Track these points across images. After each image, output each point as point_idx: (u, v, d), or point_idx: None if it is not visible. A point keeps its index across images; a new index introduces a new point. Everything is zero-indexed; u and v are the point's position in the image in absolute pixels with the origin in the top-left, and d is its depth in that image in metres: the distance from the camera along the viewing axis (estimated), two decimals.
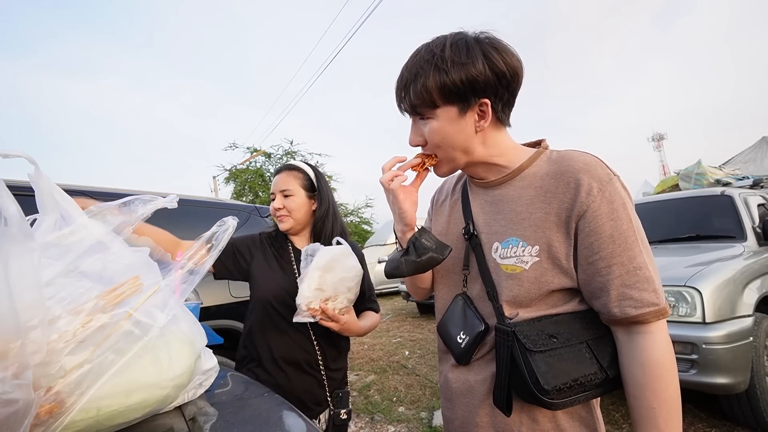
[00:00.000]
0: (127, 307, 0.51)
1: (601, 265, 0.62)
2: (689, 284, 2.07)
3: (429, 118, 0.68)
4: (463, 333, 0.73)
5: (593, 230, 0.62)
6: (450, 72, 0.64)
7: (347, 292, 1.10)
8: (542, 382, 0.59)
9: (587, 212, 0.62)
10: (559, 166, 0.67)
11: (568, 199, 0.64)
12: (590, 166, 0.65)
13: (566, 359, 0.61)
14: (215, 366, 0.68)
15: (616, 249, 0.61)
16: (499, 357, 0.65)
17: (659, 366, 0.61)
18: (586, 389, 0.62)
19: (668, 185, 5.07)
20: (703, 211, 3.19)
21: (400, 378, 3.49)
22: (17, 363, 0.38)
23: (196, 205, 2.44)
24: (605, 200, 0.62)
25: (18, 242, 0.41)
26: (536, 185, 0.68)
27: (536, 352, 0.61)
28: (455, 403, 0.77)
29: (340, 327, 1.08)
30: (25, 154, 0.51)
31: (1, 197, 0.43)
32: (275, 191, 1.24)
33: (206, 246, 0.69)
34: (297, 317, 1.06)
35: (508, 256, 0.68)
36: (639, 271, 0.61)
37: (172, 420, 0.56)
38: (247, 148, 14.17)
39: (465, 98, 0.66)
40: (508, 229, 0.70)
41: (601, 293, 0.63)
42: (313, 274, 1.04)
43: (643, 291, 0.60)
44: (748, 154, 9.46)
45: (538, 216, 0.66)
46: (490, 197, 0.75)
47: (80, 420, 0.45)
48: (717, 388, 1.94)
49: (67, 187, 0.84)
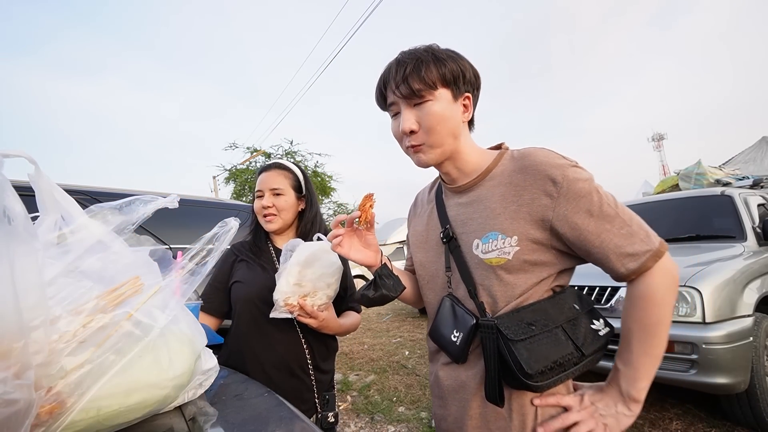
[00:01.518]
0: (128, 308, 0.51)
1: (593, 238, 0.68)
2: (689, 284, 2.08)
3: (428, 100, 0.72)
4: (456, 331, 0.76)
5: (571, 211, 0.68)
6: (447, 61, 0.72)
7: (326, 288, 1.08)
8: (526, 368, 0.65)
9: (559, 198, 0.68)
10: (523, 161, 0.73)
11: (537, 189, 0.70)
12: (550, 158, 0.71)
13: (545, 344, 0.68)
14: (215, 366, 0.68)
15: (599, 222, 0.67)
16: (487, 351, 0.70)
17: (646, 297, 0.67)
18: (565, 369, 0.68)
19: (668, 185, 5.07)
20: (703, 211, 3.19)
21: (400, 378, 3.49)
22: (19, 363, 0.38)
23: (196, 205, 2.44)
24: (571, 183, 0.68)
25: (23, 242, 0.41)
26: (506, 182, 0.74)
27: (518, 341, 0.67)
28: (447, 400, 0.81)
29: (319, 324, 1.06)
30: (26, 153, 0.51)
31: (6, 197, 0.43)
32: (263, 189, 1.19)
33: (207, 247, 0.69)
34: (273, 312, 1.04)
35: (490, 249, 0.73)
36: (623, 230, 0.67)
37: (172, 420, 0.56)
38: (247, 148, 14.18)
39: (457, 86, 0.74)
40: (485, 225, 0.75)
41: (604, 261, 0.68)
42: (292, 269, 1.02)
43: (635, 244, 0.66)
44: (748, 154, 9.46)
45: (512, 209, 0.72)
46: (464, 199, 0.81)
47: (80, 420, 0.45)
48: (717, 388, 1.94)
49: (67, 187, 0.84)
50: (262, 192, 1.20)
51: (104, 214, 0.61)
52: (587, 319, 0.73)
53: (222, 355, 1.16)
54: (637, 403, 0.70)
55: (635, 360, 0.69)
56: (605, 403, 0.71)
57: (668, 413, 2.39)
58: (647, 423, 2.30)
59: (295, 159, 13.54)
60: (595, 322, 0.74)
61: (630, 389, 0.70)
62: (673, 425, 2.25)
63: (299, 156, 13.90)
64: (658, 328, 0.68)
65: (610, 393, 0.72)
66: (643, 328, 0.68)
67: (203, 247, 0.68)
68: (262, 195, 1.20)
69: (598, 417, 0.70)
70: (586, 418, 0.70)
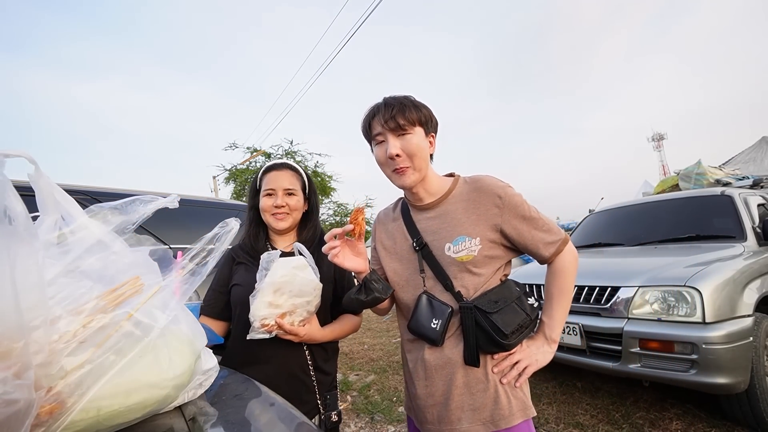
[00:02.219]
0: (128, 308, 0.51)
1: (526, 235, 0.97)
2: (689, 284, 2.08)
3: (409, 133, 0.95)
4: (435, 319, 0.97)
5: (512, 217, 0.96)
6: (421, 108, 0.98)
7: (306, 305, 1.05)
8: (504, 330, 0.90)
9: (504, 208, 0.96)
10: (476, 184, 1.01)
11: (489, 204, 0.97)
12: (494, 181, 1.00)
13: (509, 313, 0.93)
14: (215, 366, 0.68)
15: (529, 223, 0.97)
16: (466, 326, 0.94)
17: (561, 271, 1.00)
18: (523, 330, 0.95)
19: (668, 185, 5.07)
20: (703, 211, 3.19)
21: (400, 378, 3.49)
22: (19, 363, 0.38)
23: (196, 205, 2.44)
24: (509, 199, 0.97)
25: (24, 242, 0.41)
26: (465, 199, 1.00)
27: (493, 312, 0.91)
28: (434, 378, 0.99)
29: (300, 339, 1.06)
30: (26, 153, 0.51)
31: (8, 197, 0.43)
32: (276, 187, 1.18)
33: (208, 247, 0.69)
34: (251, 334, 1.02)
35: (461, 249, 0.97)
36: (544, 227, 0.98)
37: (172, 420, 0.56)
38: (247, 148, 14.18)
39: (428, 126, 1.00)
40: (454, 231, 0.98)
41: (533, 249, 0.98)
42: (266, 290, 1.00)
43: (552, 236, 0.98)
44: (748, 154, 9.46)
45: (473, 218, 0.98)
46: (431, 214, 1.03)
47: (80, 420, 0.45)
48: (717, 388, 1.94)
49: (67, 187, 0.84)
50: (273, 191, 1.19)
51: (104, 214, 0.61)
52: (525, 297, 1.00)
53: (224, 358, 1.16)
54: (555, 344, 1.01)
55: (554, 313, 1.01)
56: (536, 346, 1.00)
57: (668, 413, 2.39)
58: (647, 423, 2.30)
59: (295, 159, 13.53)
60: (530, 299, 1.00)
61: (551, 334, 1.01)
62: (673, 425, 2.25)
63: (299, 156, 13.91)
64: (569, 291, 1.01)
65: (537, 339, 1.02)
66: (560, 292, 1.00)
67: (204, 248, 0.68)
68: (274, 194, 1.19)
69: (531, 355, 0.98)
70: (524, 357, 0.97)
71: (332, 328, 1.17)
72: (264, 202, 1.19)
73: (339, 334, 1.19)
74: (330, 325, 1.18)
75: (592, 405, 2.60)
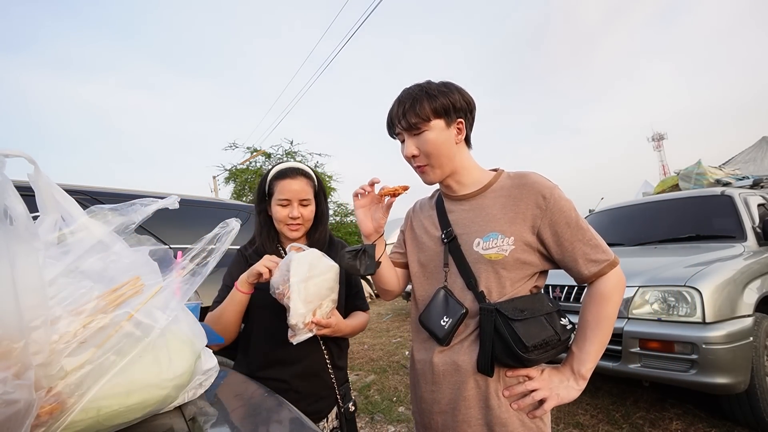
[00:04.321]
0: (129, 308, 0.51)
1: (567, 245, 0.86)
2: (689, 284, 2.08)
3: (424, 130, 0.89)
4: (446, 317, 0.90)
5: (553, 222, 0.86)
6: (438, 97, 0.88)
7: (330, 294, 1.06)
8: (525, 341, 0.79)
9: (546, 211, 0.86)
10: (520, 180, 0.91)
11: (531, 203, 0.87)
12: (540, 179, 0.90)
13: (534, 326, 0.83)
14: (215, 366, 0.68)
15: (573, 232, 0.85)
16: (484, 330, 0.85)
17: (602, 296, 0.85)
18: (548, 348, 0.83)
19: (668, 185, 5.06)
20: (703, 211, 3.19)
21: (400, 378, 3.49)
22: (19, 363, 0.38)
23: (196, 205, 2.44)
24: (555, 201, 0.86)
25: (24, 242, 0.41)
26: (505, 194, 0.91)
27: (516, 320, 0.81)
28: (441, 384, 0.92)
29: (332, 331, 1.05)
30: (25, 153, 0.51)
31: (8, 197, 0.44)
32: (292, 199, 1.15)
33: (209, 247, 0.69)
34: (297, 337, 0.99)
35: (490, 247, 0.88)
36: (591, 242, 0.86)
37: (172, 420, 0.56)
38: (247, 148, 14.17)
39: (449, 115, 0.90)
40: (487, 226, 0.90)
41: (572, 264, 0.87)
42: (298, 289, 0.98)
43: (597, 254, 0.85)
44: (748, 154, 9.46)
45: (510, 215, 0.89)
46: (467, 206, 0.96)
47: (80, 420, 0.45)
48: (717, 388, 1.94)
49: (67, 187, 0.84)
50: (289, 201, 1.15)
51: (104, 215, 0.61)
52: (557, 315, 0.89)
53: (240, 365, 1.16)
54: (584, 380, 0.87)
55: (588, 346, 0.86)
56: (559, 378, 0.87)
57: (668, 413, 2.39)
58: (647, 423, 2.30)
59: (295, 159, 13.53)
60: (563, 319, 0.89)
61: (580, 368, 0.86)
62: (673, 425, 2.25)
63: (299, 156, 13.90)
64: (608, 321, 0.86)
65: (563, 371, 0.89)
66: (597, 321, 0.86)
67: (204, 248, 0.68)
68: (289, 204, 1.15)
69: (553, 388, 0.86)
70: (543, 386, 0.85)
71: (350, 322, 1.18)
72: (278, 212, 1.16)
73: (356, 328, 1.20)
74: (347, 319, 1.19)
75: (592, 405, 2.60)
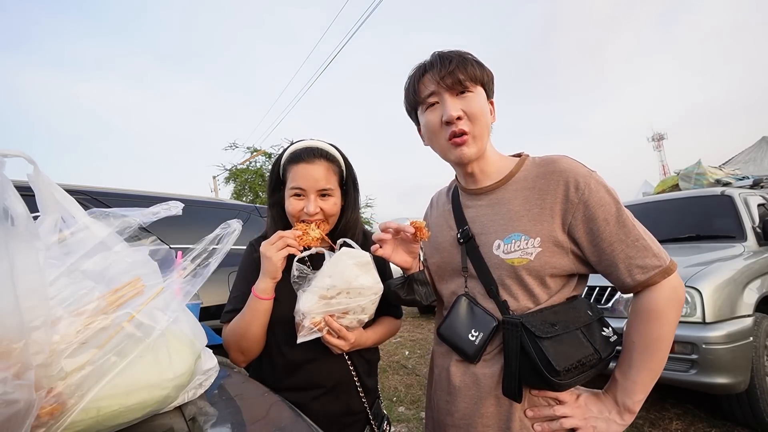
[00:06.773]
0: (129, 309, 0.51)
1: (605, 246, 0.70)
2: (689, 284, 2.08)
3: (471, 92, 0.76)
4: (475, 330, 0.76)
5: (588, 218, 0.70)
6: (483, 67, 0.79)
7: (360, 312, 0.86)
8: (554, 364, 0.65)
9: (579, 204, 0.71)
10: (546, 167, 0.76)
11: (560, 194, 0.72)
12: (572, 165, 0.74)
13: (568, 343, 0.69)
14: (215, 366, 0.68)
15: (613, 230, 0.69)
16: (509, 348, 0.71)
17: (650, 312, 0.69)
18: (585, 369, 0.69)
19: (668, 185, 5.06)
20: (703, 211, 3.19)
21: (400, 378, 3.49)
22: (20, 363, 0.38)
23: (196, 206, 2.44)
24: (591, 191, 0.70)
25: (25, 242, 0.41)
26: (529, 186, 0.77)
27: (544, 338, 0.67)
28: (457, 396, 0.80)
29: (350, 346, 0.87)
30: (24, 153, 0.51)
31: (9, 197, 0.44)
32: (308, 188, 0.90)
33: (210, 248, 0.69)
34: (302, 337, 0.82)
35: (513, 250, 0.74)
36: (637, 243, 0.69)
37: (172, 420, 0.56)
38: (247, 148, 14.18)
39: (489, 89, 0.81)
40: (508, 226, 0.76)
41: (612, 269, 0.71)
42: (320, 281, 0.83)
43: (646, 258, 0.68)
44: (748, 154, 9.46)
45: (535, 212, 0.74)
46: (485, 202, 0.82)
47: (80, 420, 0.45)
48: (717, 388, 1.94)
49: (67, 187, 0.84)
50: (304, 191, 0.90)
51: (105, 216, 0.61)
52: (599, 325, 0.75)
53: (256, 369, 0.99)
54: (632, 415, 0.72)
55: (634, 373, 0.70)
56: (599, 409, 0.73)
57: (668, 413, 2.39)
58: (647, 423, 2.30)
59: None
60: (605, 329, 0.75)
61: (626, 400, 0.71)
62: (673, 425, 2.25)
63: None
64: (660, 343, 0.69)
65: (605, 400, 0.74)
66: (645, 343, 0.69)
67: (205, 249, 0.68)
68: (304, 195, 0.91)
69: (590, 418, 0.72)
70: (577, 415, 0.71)
71: (375, 330, 0.98)
72: (291, 205, 0.91)
73: (381, 337, 1.00)
74: (372, 327, 0.99)
75: None
